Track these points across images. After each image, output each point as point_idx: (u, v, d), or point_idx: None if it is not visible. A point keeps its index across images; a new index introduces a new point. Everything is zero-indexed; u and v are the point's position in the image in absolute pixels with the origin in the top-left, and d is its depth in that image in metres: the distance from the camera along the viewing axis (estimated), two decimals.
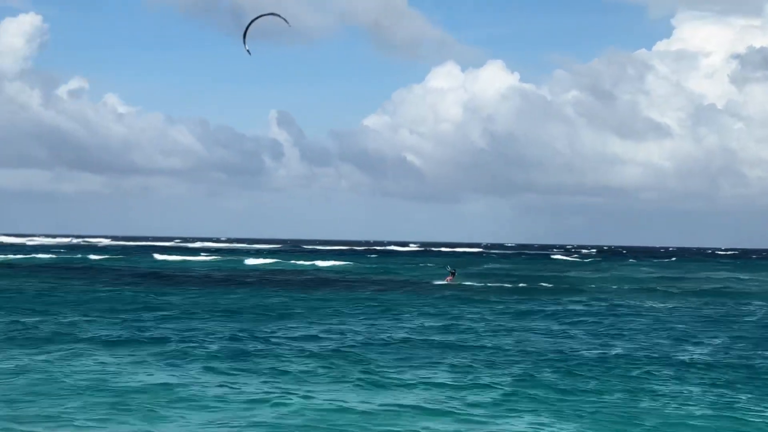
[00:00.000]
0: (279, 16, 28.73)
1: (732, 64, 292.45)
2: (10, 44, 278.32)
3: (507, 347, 31.68)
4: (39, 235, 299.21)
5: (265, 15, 28.57)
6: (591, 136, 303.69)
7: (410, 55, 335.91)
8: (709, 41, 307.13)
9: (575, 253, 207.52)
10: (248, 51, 28.92)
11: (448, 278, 70.24)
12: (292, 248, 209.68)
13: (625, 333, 36.91)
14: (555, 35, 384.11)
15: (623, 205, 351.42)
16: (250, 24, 28.52)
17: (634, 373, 26.28)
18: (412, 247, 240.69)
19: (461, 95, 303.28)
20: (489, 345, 32.23)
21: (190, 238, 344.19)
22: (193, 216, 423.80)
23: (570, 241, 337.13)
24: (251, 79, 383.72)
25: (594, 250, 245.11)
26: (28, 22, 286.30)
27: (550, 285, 70.01)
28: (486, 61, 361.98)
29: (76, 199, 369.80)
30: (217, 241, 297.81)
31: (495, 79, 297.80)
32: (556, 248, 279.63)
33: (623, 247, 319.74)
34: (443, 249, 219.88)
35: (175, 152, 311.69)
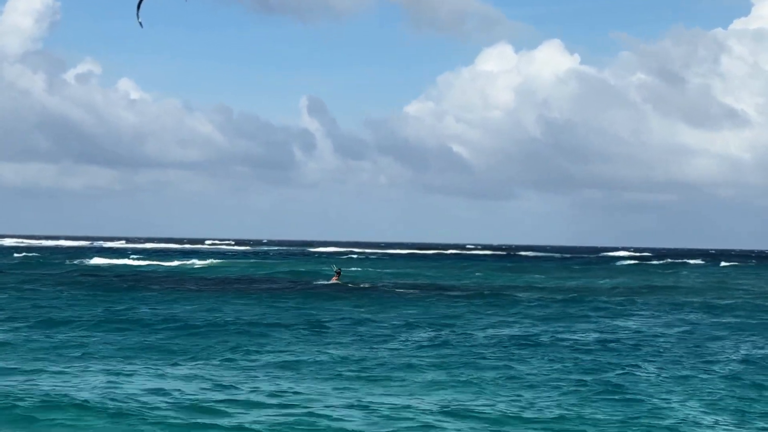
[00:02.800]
0: None
1: None
2: (17, 24, 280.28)
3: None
4: (41, 237, 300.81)
5: None
6: (659, 125, 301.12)
7: (454, 34, 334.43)
8: None
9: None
10: (140, 23, 30.45)
11: (334, 278, 75.70)
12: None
13: None
14: (619, 12, 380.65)
15: (697, 202, 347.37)
16: None
17: None
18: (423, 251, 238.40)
19: (514, 79, 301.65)
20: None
21: (198, 239, 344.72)
22: (214, 214, 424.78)
23: (635, 243, 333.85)
24: (279, 62, 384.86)
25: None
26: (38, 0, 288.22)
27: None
28: (542, 41, 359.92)
29: (83, 195, 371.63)
30: (245, 243, 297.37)
31: (552, 61, 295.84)
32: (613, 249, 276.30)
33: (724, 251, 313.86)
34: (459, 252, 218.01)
35: (194, 143, 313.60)
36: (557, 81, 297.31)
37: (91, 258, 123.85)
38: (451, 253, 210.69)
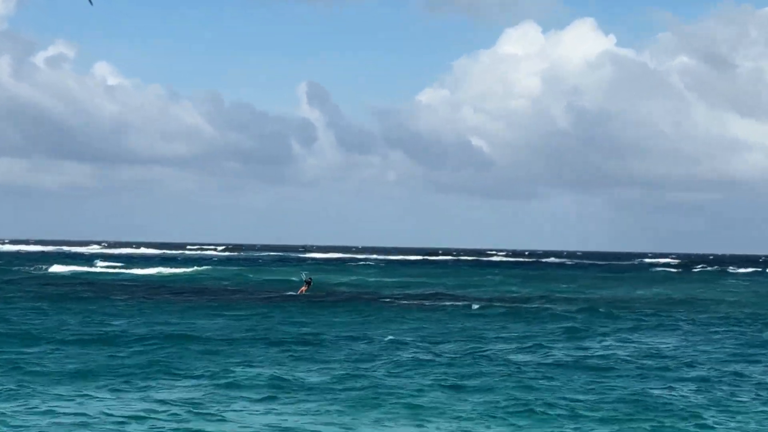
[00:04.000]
0: None
1: None
2: None
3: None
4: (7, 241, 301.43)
5: None
6: (704, 115, 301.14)
7: (472, 13, 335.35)
8: None
9: None
10: (90, 0, 31.15)
11: (302, 288, 77.45)
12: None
13: None
14: None
15: (747, 201, 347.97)
16: None
17: None
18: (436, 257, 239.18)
19: (540, 63, 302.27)
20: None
21: (182, 244, 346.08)
22: (203, 215, 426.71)
23: (677, 248, 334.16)
24: (276, 46, 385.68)
25: None
26: None
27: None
28: (573, 20, 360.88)
29: (57, 193, 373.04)
30: (236, 248, 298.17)
31: (583, 43, 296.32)
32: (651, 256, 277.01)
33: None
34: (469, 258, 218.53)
35: (180, 136, 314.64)
36: (589, 65, 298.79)
37: (51, 265, 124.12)
38: (468, 260, 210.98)
